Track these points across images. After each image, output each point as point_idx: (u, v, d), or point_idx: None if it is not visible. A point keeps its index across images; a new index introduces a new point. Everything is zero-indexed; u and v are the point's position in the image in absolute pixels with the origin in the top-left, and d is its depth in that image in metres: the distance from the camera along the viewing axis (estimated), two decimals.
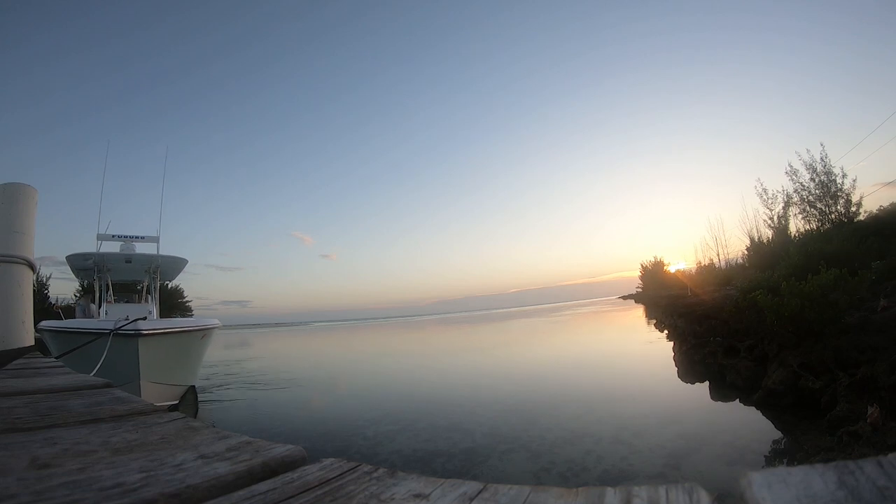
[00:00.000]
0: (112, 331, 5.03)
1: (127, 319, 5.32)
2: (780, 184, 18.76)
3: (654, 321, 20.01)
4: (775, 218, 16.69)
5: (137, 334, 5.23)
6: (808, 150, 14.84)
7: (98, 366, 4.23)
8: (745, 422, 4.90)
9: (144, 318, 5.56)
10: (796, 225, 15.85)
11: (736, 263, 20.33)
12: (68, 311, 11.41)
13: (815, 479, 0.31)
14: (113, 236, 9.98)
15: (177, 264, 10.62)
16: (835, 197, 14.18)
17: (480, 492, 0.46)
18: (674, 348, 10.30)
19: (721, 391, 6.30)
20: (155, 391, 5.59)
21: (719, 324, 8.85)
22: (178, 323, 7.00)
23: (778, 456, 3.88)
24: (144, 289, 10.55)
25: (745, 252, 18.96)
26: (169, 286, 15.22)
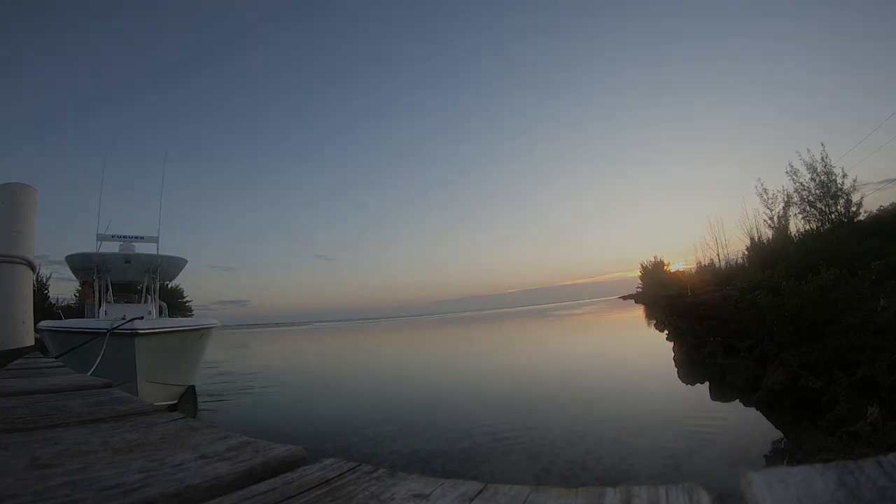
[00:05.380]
0: (109, 330, 5.03)
1: (124, 319, 5.32)
2: (781, 184, 18.72)
3: (654, 321, 20.01)
4: (775, 218, 16.68)
5: (133, 334, 5.23)
6: (808, 150, 14.81)
7: (95, 365, 4.23)
8: (745, 422, 4.90)
9: (142, 318, 5.55)
10: (796, 225, 15.83)
11: (736, 263, 20.31)
12: (69, 311, 11.40)
13: (815, 479, 0.31)
14: (112, 236, 9.96)
15: (176, 264, 10.61)
16: (835, 197, 14.16)
17: (480, 492, 0.46)
18: (674, 348, 10.30)
19: (721, 391, 6.30)
20: (152, 391, 5.58)
21: (719, 324, 8.85)
22: (175, 322, 6.99)
23: (778, 456, 3.87)
24: (144, 289, 10.54)
25: (745, 252, 18.94)
26: (169, 286, 15.19)
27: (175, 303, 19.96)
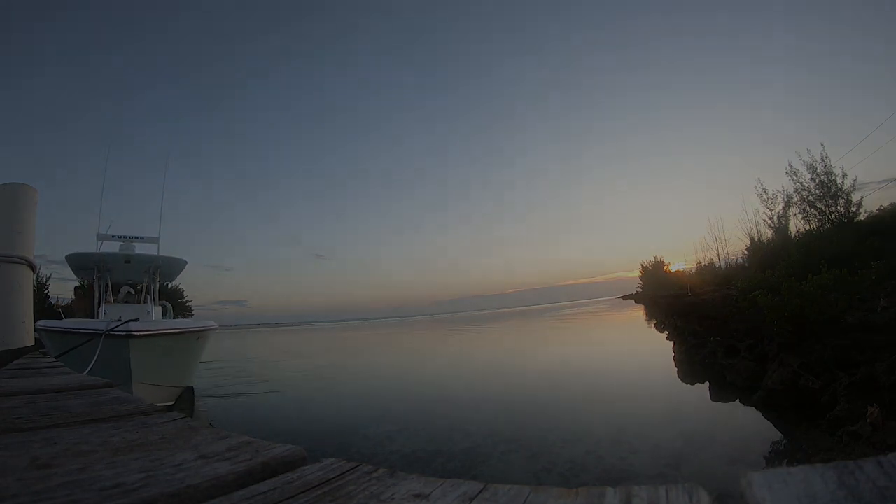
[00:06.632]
0: (104, 332, 5.03)
1: (120, 320, 5.32)
2: (781, 184, 18.75)
3: (654, 321, 20.01)
4: (775, 218, 16.70)
5: (129, 335, 5.23)
6: (808, 150, 14.83)
7: (90, 366, 4.21)
8: (745, 422, 4.90)
9: (137, 319, 5.55)
10: (796, 225, 15.85)
11: (736, 263, 20.33)
12: (69, 311, 11.39)
13: (815, 479, 0.31)
14: (113, 236, 9.96)
15: (177, 265, 10.60)
16: (835, 197, 14.17)
17: (480, 492, 0.46)
18: (674, 348, 10.30)
19: (721, 391, 6.30)
20: (148, 392, 5.58)
21: (719, 324, 8.84)
22: (171, 324, 6.98)
23: (778, 456, 3.88)
24: (143, 289, 10.53)
25: (745, 252, 18.96)
26: (169, 286, 15.19)
27: (175, 303, 19.96)
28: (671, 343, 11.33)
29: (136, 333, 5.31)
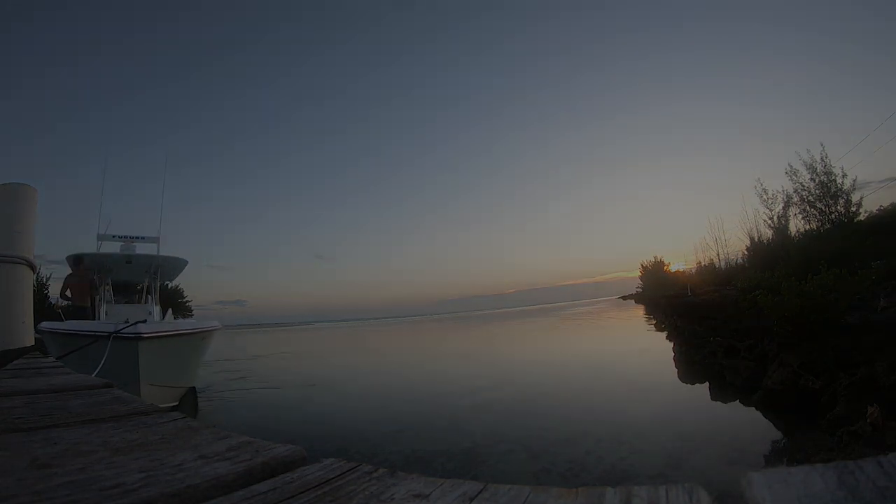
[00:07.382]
0: (112, 334, 5.01)
1: (126, 322, 5.32)
2: (781, 184, 18.76)
3: (654, 321, 20.01)
4: (775, 218, 16.72)
5: (138, 338, 5.23)
6: (808, 150, 14.85)
7: (98, 368, 4.21)
8: (745, 422, 4.90)
9: (144, 321, 5.55)
10: (796, 225, 15.88)
11: (736, 263, 20.34)
12: (69, 312, 11.40)
13: (815, 479, 0.31)
14: (113, 237, 9.98)
15: (177, 265, 10.62)
16: (835, 197, 14.18)
17: (480, 492, 0.46)
18: (674, 349, 10.29)
19: (721, 391, 6.30)
20: (155, 393, 5.59)
21: (719, 324, 8.85)
22: (178, 325, 6.98)
23: (778, 456, 3.87)
24: (144, 289, 10.54)
25: (745, 252, 18.99)
26: (169, 286, 15.21)
27: (175, 303, 19.97)
28: (671, 343, 11.33)
29: (145, 335, 5.32)
